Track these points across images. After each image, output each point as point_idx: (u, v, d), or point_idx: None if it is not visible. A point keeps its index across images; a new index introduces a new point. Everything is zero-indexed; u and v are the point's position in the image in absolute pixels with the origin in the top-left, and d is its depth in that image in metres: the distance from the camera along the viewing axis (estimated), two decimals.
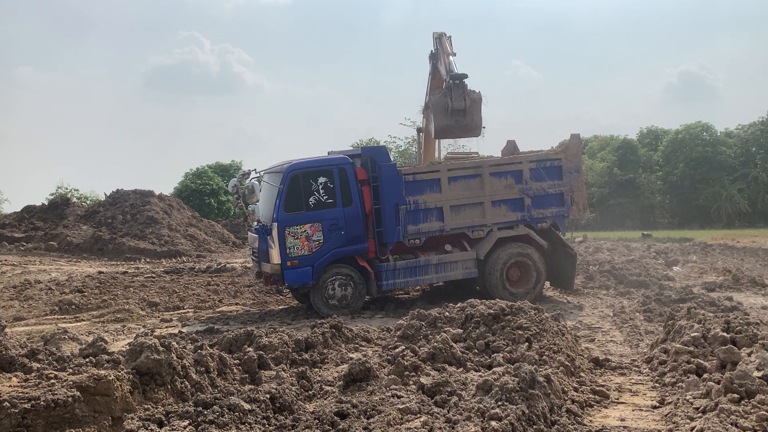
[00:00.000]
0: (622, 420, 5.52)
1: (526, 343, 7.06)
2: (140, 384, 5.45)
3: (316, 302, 11.46)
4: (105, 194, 28.13)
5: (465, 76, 12.99)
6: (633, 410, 5.78)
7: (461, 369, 6.55)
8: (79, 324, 11.07)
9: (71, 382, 4.68)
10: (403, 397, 5.60)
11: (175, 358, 5.78)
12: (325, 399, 5.97)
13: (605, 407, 5.91)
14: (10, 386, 4.68)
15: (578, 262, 13.22)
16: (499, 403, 4.98)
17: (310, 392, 6.18)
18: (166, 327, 10.78)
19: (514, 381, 5.21)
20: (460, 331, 7.50)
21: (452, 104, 12.82)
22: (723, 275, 14.18)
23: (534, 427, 4.88)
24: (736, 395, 5.14)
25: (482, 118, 13.16)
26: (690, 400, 5.57)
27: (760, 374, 5.37)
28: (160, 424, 5.00)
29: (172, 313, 12.19)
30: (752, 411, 4.86)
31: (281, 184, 11.25)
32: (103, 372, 4.99)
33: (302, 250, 11.23)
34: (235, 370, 6.54)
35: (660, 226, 37.10)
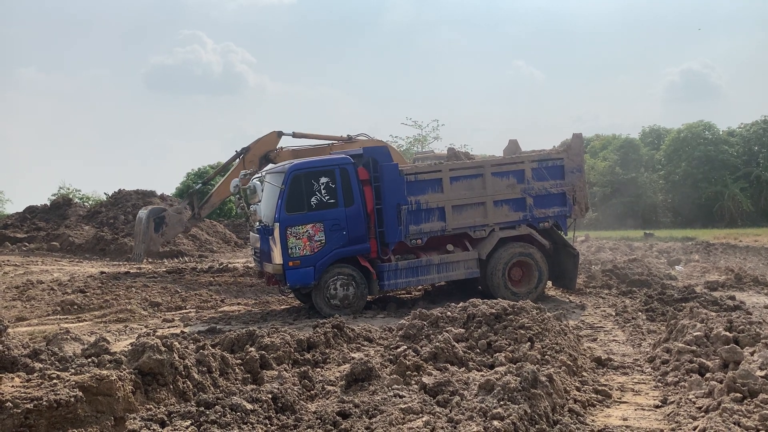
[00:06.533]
0: (625, 419, 5.52)
1: (529, 343, 7.06)
2: (142, 384, 5.46)
3: (318, 302, 11.46)
4: (107, 195, 28.12)
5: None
6: (635, 410, 5.78)
7: (463, 369, 6.54)
8: (81, 324, 11.07)
9: (73, 383, 4.69)
10: (405, 396, 5.60)
11: (177, 358, 5.79)
12: (327, 399, 5.98)
13: (608, 407, 5.91)
14: (12, 386, 4.68)
15: (580, 262, 13.20)
16: (502, 402, 4.98)
17: (312, 392, 6.18)
18: (168, 327, 10.78)
19: (516, 381, 5.20)
20: (462, 330, 7.49)
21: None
22: (725, 274, 14.13)
23: (536, 426, 4.88)
24: (738, 394, 5.14)
25: None
26: (693, 400, 5.56)
27: (762, 373, 5.36)
28: (162, 424, 5.00)
29: (174, 313, 12.19)
30: (755, 410, 4.85)
31: (283, 184, 11.25)
32: (105, 372, 5.00)
33: (304, 251, 11.22)
34: (237, 370, 6.55)
35: (662, 226, 37.00)
